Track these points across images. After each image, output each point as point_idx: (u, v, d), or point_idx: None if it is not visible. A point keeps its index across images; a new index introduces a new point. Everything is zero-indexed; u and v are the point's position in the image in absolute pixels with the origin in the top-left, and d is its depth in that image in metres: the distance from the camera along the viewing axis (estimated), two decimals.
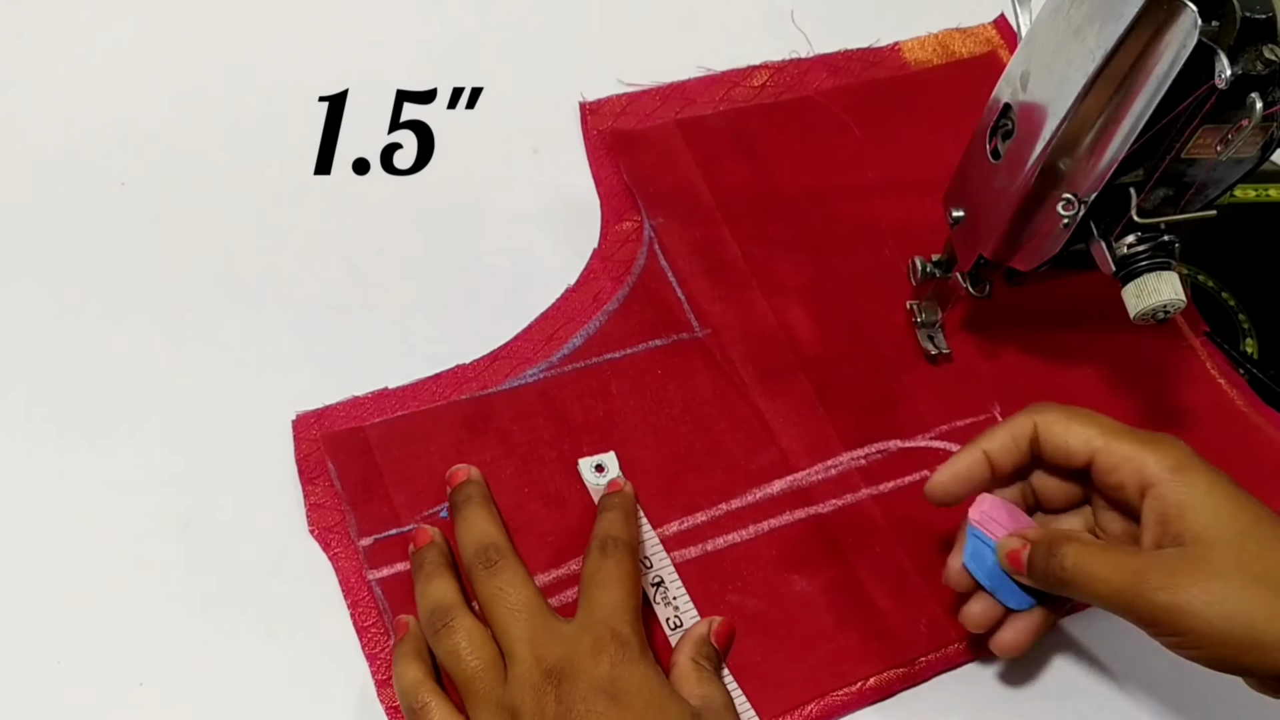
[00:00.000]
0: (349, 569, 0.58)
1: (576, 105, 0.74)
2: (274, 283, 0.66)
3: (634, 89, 0.75)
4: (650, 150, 0.72)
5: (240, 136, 0.70)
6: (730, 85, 0.76)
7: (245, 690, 0.55)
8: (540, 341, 0.65)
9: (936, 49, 0.81)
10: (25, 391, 0.60)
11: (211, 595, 0.57)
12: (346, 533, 0.59)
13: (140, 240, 0.66)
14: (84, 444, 0.59)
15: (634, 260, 0.69)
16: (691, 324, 0.67)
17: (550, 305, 0.67)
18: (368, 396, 0.62)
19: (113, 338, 0.63)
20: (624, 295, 0.67)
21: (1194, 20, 0.47)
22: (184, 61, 0.72)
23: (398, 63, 0.75)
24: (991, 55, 0.82)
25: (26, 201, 0.66)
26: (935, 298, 0.68)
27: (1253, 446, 0.69)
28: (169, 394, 0.61)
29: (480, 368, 0.64)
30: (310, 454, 0.60)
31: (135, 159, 0.68)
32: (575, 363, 0.65)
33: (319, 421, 0.61)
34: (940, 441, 0.66)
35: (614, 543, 0.55)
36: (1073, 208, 0.55)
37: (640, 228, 0.70)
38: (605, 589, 0.53)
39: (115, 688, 0.54)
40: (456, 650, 0.52)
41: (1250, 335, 0.74)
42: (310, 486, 0.60)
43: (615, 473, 0.62)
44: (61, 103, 0.70)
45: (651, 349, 0.66)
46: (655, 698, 0.51)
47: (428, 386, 0.63)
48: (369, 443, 0.61)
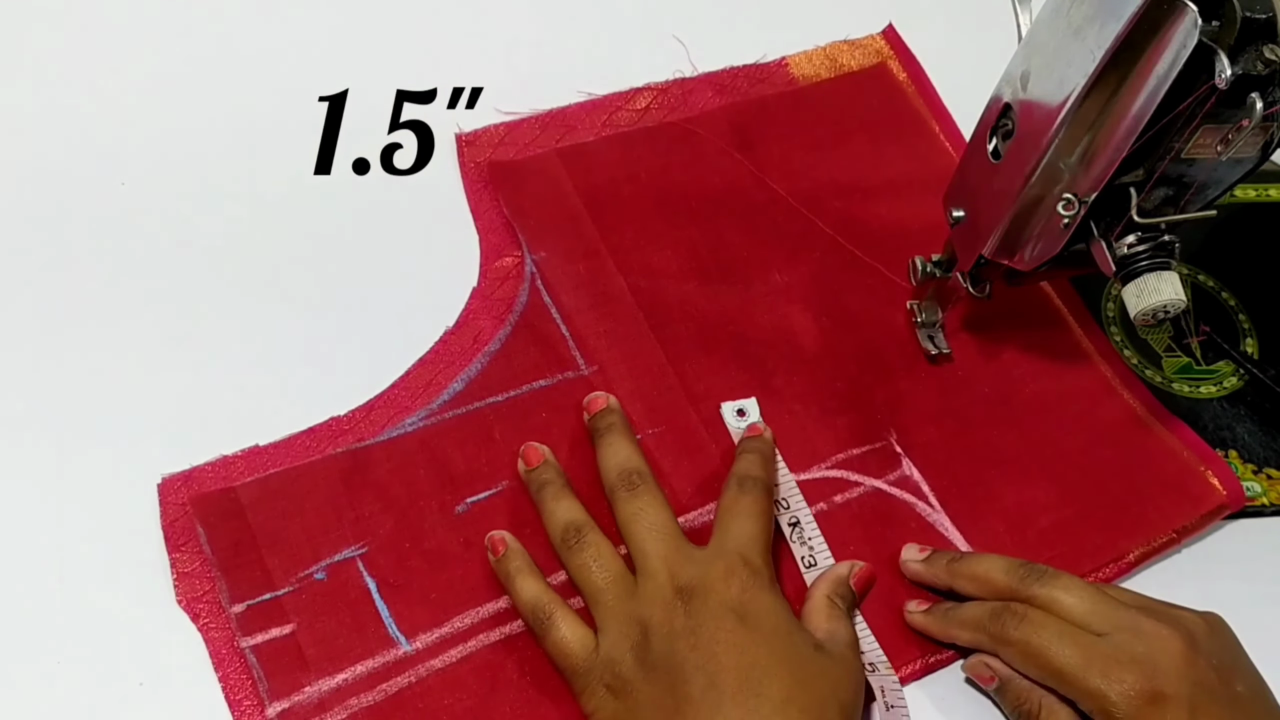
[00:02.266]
0: (219, 639, 0.55)
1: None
2: (130, 332, 0.63)
3: (512, 117, 0.73)
4: (530, 181, 0.70)
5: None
6: (613, 109, 0.74)
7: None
8: (419, 388, 0.63)
9: (825, 63, 0.80)
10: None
11: (82, 671, 0.54)
12: (217, 600, 0.56)
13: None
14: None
15: (516, 298, 0.66)
16: (577, 362, 0.65)
17: (429, 349, 0.64)
18: (238, 455, 0.60)
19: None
20: (506, 335, 0.65)
21: (1194, 20, 0.48)
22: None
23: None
24: (881, 67, 0.80)
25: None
26: (935, 298, 0.68)
27: (1156, 458, 0.67)
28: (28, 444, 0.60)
29: (356, 419, 0.62)
30: (178, 519, 0.58)
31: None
32: (456, 409, 0.63)
33: (187, 484, 0.59)
34: (837, 471, 0.64)
35: (752, 481, 0.58)
36: (1073, 207, 0.55)
37: (521, 263, 0.68)
38: (740, 520, 0.56)
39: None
40: (588, 564, 0.55)
41: (1250, 335, 0.74)
42: (177, 554, 0.57)
43: (756, 417, 0.64)
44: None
45: (535, 390, 0.64)
46: (781, 624, 0.52)
47: (301, 441, 0.61)
48: (240, 503, 0.58)
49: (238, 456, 0.60)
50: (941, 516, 0.63)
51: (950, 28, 0.83)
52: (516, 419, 0.63)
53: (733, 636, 0.51)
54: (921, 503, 0.64)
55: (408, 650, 0.56)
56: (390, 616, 0.57)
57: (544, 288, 0.67)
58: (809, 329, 0.68)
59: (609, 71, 0.75)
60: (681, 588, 0.53)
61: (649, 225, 0.70)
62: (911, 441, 0.66)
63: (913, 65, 0.80)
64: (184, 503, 0.58)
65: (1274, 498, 0.67)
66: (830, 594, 0.57)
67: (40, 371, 0.61)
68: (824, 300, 0.69)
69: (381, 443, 0.61)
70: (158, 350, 0.63)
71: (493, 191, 0.70)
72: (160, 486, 0.58)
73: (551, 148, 0.72)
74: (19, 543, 0.57)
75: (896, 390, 0.67)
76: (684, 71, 0.76)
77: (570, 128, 0.73)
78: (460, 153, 0.71)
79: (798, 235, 0.72)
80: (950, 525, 0.63)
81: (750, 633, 0.51)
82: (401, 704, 0.54)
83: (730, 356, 0.67)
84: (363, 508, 0.59)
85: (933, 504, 0.64)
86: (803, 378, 0.67)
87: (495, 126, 0.72)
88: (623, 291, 0.67)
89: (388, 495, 0.60)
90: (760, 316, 0.68)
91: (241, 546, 0.57)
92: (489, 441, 0.62)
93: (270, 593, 0.56)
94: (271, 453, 0.60)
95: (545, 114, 0.73)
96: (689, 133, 0.74)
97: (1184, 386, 0.72)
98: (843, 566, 0.59)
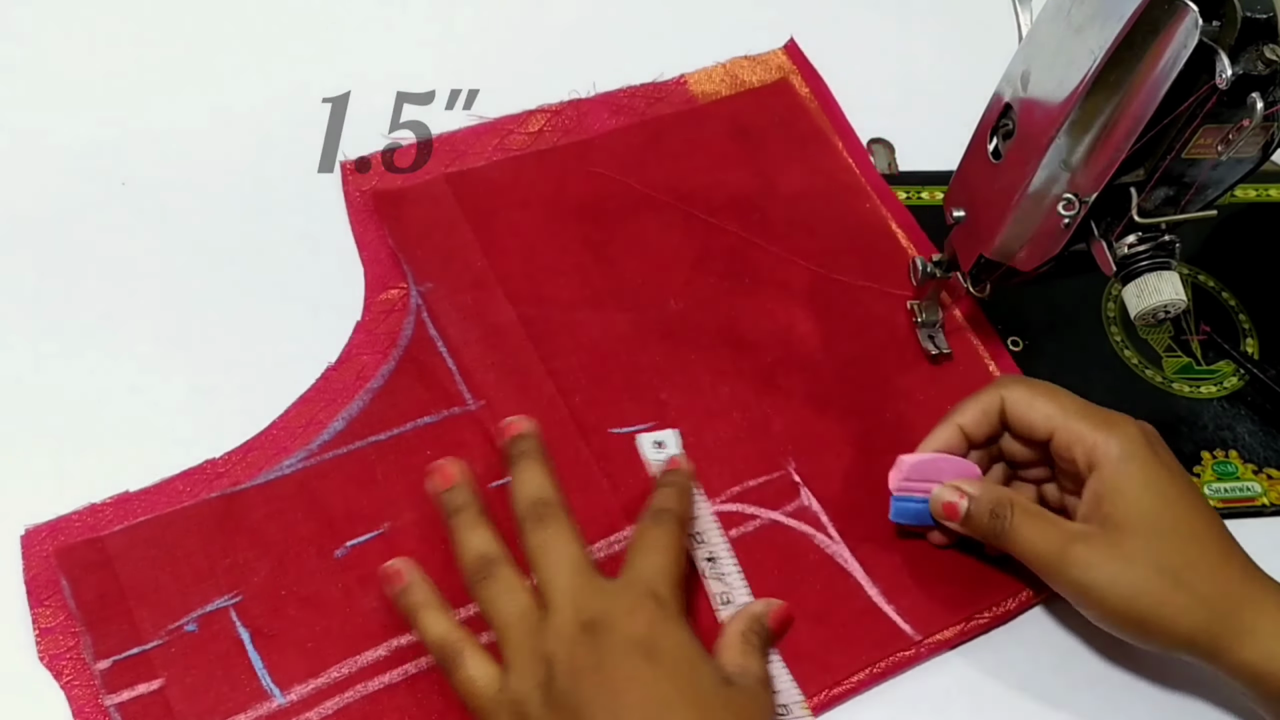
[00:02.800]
0: (83, 697, 0.53)
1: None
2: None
3: (400, 142, 0.71)
4: (417, 209, 0.68)
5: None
6: (504, 133, 0.72)
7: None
8: (298, 428, 0.61)
9: (725, 79, 0.78)
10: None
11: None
12: (81, 657, 0.54)
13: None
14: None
15: (400, 331, 0.65)
16: (464, 397, 0.63)
17: (310, 387, 0.62)
18: (107, 502, 0.58)
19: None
20: (389, 371, 0.63)
21: (1195, 20, 0.48)
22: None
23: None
24: (783, 83, 0.79)
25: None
26: (935, 298, 0.68)
27: None
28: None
29: (232, 461, 0.60)
30: (41, 572, 0.56)
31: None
32: (337, 449, 0.61)
33: (52, 535, 0.57)
34: (733, 504, 0.63)
35: (666, 514, 0.57)
36: (1073, 208, 0.56)
37: (407, 295, 0.66)
38: (649, 554, 0.55)
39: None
40: (497, 597, 0.53)
41: (1251, 335, 0.74)
42: (40, 609, 0.55)
43: (675, 449, 0.63)
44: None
45: (420, 427, 0.62)
46: (688, 657, 0.51)
47: (174, 486, 0.59)
48: (107, 554, 0.56)
49: (107, 504, 0.58)
50: (840, 548, 0.62)
51: (848, 42, 0.82)
52: (400, 458, 0.61)
53: (637, 672, 0.50)
54: (820, 534, 0.62)
55: (281, 703, 0.54)
56: (264, 668, 0.55)
57: (430, 320, 0.65)
58: (704, 355, 0.67)
59: (501, 93, 0.73)
60: (587, 622, 0.51)
61: (540, 252, 0.68)
62: (810, 470, 0.64)
63: (815, 80, 0.79)
64: (48, 555, 0.56)
65: (1274, 498, 0.67)
66: (745, 629, 0.56)
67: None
68: (719, 325, 0.68)
69: (258, 486, 0.59)
70: (17, 392, 0.61)
71: (378, 221, 0.68)
72: (24, 539, 0.56)
73: (440, 174, 0.70)
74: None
75: (796, 417, 0.66)
76: (580, 92, 0.75)
77: (460, 153, 0.71)
78: (345, 180, 0.69)
79: (694, 259, 0.70)
80: (850, 556, 0.62)
81: (655, 667, 0.50)
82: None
83: (623, 386, 0.65)
84: (237, 554, 0.57)
85: (832, 535, 0.62)
86: (697, 406, 0.65)
87: (381, 154, 0.70)
88: (512, 322, 0.65)
89: (264, 540, 0.58)
90: (654, 344, 0.67)
91: (108, 599, 0.55)
92: (371, 482, 0.60)
93: (138, 647, 0.54)
94: (142, 499, 0.58)
95: (434, 139, 0.71)
96: (583, 156, 0.72)
97: (1184, 386, 0.71)
98: (759, 604, 0.58)
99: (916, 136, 0.78)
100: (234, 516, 0.58)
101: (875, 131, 0.78)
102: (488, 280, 0.67)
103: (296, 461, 0.60)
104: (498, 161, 0.71)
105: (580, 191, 0.71)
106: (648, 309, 0.68)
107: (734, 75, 0.78)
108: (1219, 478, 0.67)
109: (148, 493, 0.58)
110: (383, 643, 0.56)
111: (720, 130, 0.75)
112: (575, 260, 0.69)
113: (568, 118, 0.74)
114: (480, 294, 0.66)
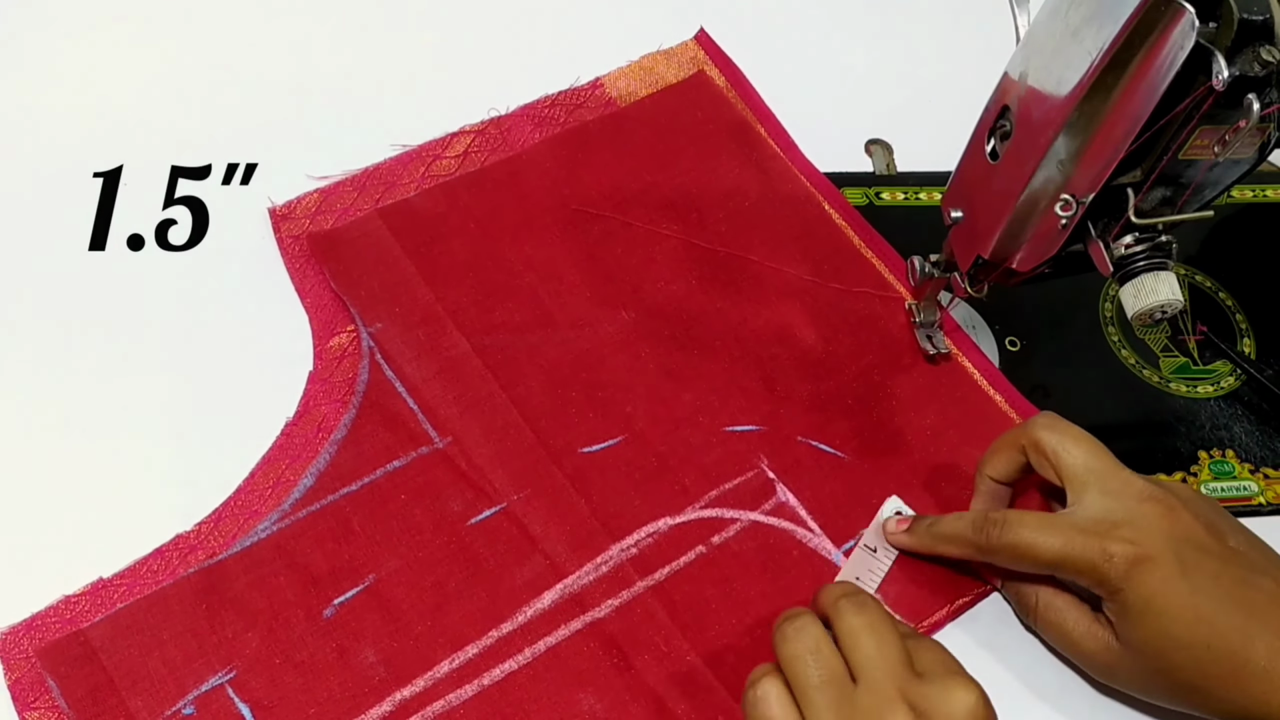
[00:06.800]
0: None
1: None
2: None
3: (325, 181, 0.69)
4: (354, 248, 0.67)
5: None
6: (430, 159, 0.71)
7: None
8: (266, 489, 0.60)
9: (641, 77, 0.78)
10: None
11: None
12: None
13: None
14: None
15: (357, 377, 0.63)
16: (430, 435, 0.62)
17: (271, 445, 0.61)
18: (82, 593, 0.56)
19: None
20: (351, 419, 0.62)
21: (1191, 21, 0.48)
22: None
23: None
24: (699, 76, 0.78)
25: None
26: (934, 298, 0.68)
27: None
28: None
29: (204, 532, 0.58)
30: (24, 675, 0.54)
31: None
32: (310, 505, 0.60)
33: (30, 634, 0.55)
34: (711, 510, 0.63)
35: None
36: (1071, 208, 0.55)
37: (358, 338, 0.64)
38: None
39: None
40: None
41: (1248, 335, 0.74)
42: (29, 714, 0.53)
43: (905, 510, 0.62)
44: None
45: (390, 473, 0.61)
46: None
47: (148, 566, 0.57)
48: (92, 646, 0.55)
49: (82, 594, 0.56)
50: (823, 540, 0.62)
51: (760, 27, 0.82)
52: (374, 507, 0.60)
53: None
54: (800, 528, 0.63)
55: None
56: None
57: (384, 362, 0.64)
58: (663, 364, 0.66)
59: (420, 119, 0.72)
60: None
61: (486, 278, 0.67)
62: (782, 465, 0.64)
63: (730, 69, 0.78)
64: (30, 656, 0.54)
65: (1270, 497, 0.68)
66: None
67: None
68: (674, 331, 0.68)
69: (235, 554, 0.58)
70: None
71: (316, 265, 0.66)
72: (0, 643, 0.54)
73: (372, 209, 0.68)
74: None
75: (761, 415, 0.66)
76: (499, 109, 0.73)
77: (389, 184, 0.70)
78: (276, 228, 0.67)
79: (639, 267, 0.70)
80: (833, 549, 0.62)
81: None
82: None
83: (587, 404, 0.65)
84: (225, 629, 0.56)
85: (812, 528, 0.63)
86: (664, 414, 0.65)
87: (309, 195, 0.68)
88: (467, 354, 0.65)
89: (250, 610, 0.57)
90: (611, 357, 0.66)
91: (100, 693, 0.54)
92: (349, 535, 0.59)
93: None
94: (118, 584, 0.57)
95: (360, 173, 0.70)
96: (513, 174, 0.71)
97: (1181, 386, 0.72)
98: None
99: (915, 137, 0.78)
100: (216, 590, 0.57)
101: (873, 132, 0.78)
102: (436, 313, 0.66)
103: (270, 524, 0.59)
104: (428, 189, 0.70)
105: (516, 211, 0.70)
106: (600, 324, 0.67)
107: (649, 71, 0.78)
108: (1216, 477, 0.68)
109: (122, 577, 0.57)
110: (386, 698, 0.55)
111: (645, 133, 0.75)
112: (521, 282, 0.68)
113: (491, 136, 0.73)
114: (431, 328, 0.65)
